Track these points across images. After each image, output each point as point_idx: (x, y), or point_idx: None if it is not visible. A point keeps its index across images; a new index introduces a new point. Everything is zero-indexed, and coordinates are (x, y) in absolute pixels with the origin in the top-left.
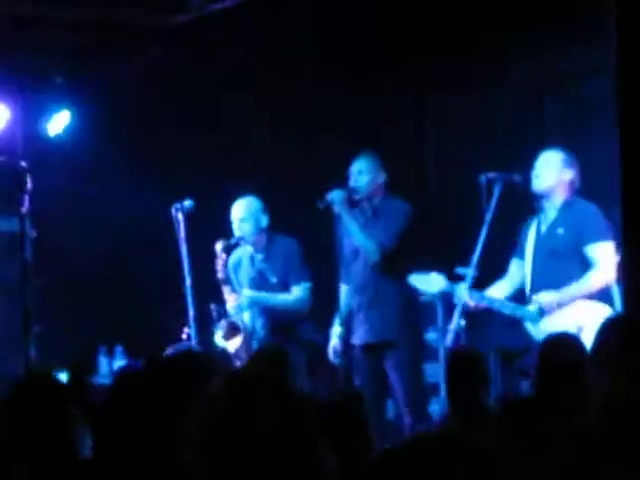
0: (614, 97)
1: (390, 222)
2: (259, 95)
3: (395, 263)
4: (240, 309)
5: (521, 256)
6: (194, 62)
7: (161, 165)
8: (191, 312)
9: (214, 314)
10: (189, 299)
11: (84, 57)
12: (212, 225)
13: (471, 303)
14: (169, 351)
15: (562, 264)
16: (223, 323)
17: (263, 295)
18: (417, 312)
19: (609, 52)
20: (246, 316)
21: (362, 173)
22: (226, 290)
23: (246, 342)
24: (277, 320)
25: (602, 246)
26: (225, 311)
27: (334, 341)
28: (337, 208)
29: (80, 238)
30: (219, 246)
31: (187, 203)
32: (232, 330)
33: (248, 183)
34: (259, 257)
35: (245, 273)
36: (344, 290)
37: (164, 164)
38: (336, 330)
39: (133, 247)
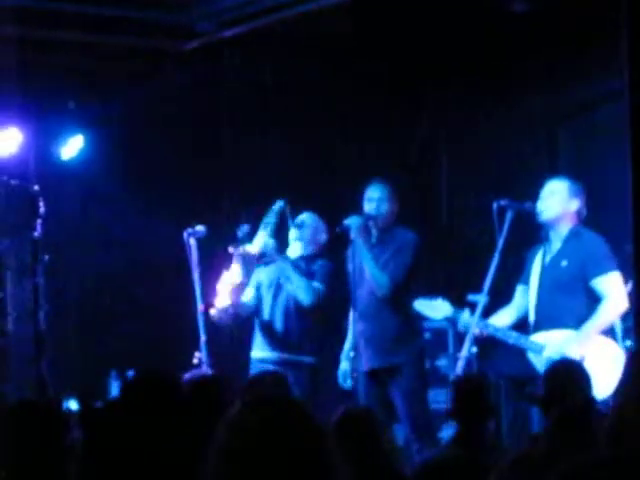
0: (627, 125)
1: (398, 255)
2: (271, 120)
3: (399, 293)
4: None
5: (526, 282)
6: (206, 87)
7: (174, 189)
8: (203, 337)
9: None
10: (201, 324)
11: (97, 82)
12: (224, 250)
13: (475, 331)
14: (187, 377)
15: (565, 297)
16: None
17: (287, 257)
18: (421, 338)
19: (622, 80)
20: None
21: (383, 200)
22: (262, 233)
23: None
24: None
25: (609, 277)
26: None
27: (344, 365)
28: (354, 234)
29: (92, 262)
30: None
31: (199, 228)
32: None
33: (261, 208)
34: (298, 260)
35: (271, 272)
36: (353, 315)
37: (177, 188)
38: (346, 355)
39: (145, 271)
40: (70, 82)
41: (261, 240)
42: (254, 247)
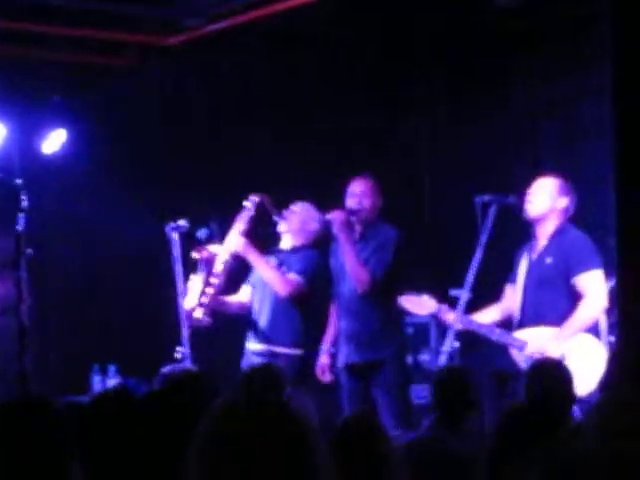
0: (611, 120)
1: (381, 251)
2: (256, 115)
3: (381, 288)
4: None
5: (513, 281)
6: (190, 82)
7: (157, 184)
8: (185, 332)
9: (211, 226)
10: (183, 318)
11: (80, 76)
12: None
13: (458, 326)
14: (166, 370)
15: (549, 294)
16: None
17: (259, 253)
18: (403, 334)
19: (605, 75)
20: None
21: (366, 195)
22: (235, 230)
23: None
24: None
25: (591, 275)
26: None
27: (323, 359)
28: (336, 229)
29: (75, 256)
30: (257, 198)
31: (182, 223)
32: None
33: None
34: (285, 251)
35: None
36: (335, 310)
37: (160, 183)
38: (325, 348)
39: (128, 266)
40: (54, 76)
41: (231, 240)
42: (221, 248)
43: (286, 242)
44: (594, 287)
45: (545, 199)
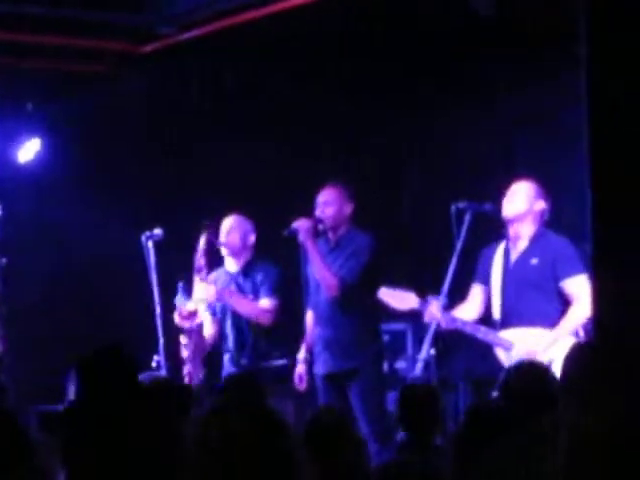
0: (586, 128)
1: (353, 257)
2: (230, 123)
3: (356, 296)
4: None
5: (484, 282)
6: (164, 90)
7: (132, 192)
8: (161, 340)
9: (180, 290)
10: (159, 327)
11: (54, 84)
12: (181, 254)
13: (442, 323)
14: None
15: (534, 295)
16: (186, 303)
17: (232, 292)
18: (379, 341)
19: (579, 83)
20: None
21: (328, 204)
22: (197, 279)
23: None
24: (247, 339)
25: (580, 279)
26: (190, 294)
27: (300, 368)
28: (301, 237)
29: (49, 265)
30: (204, 234)
31: (157, 231)
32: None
33: (220, 211)
34: (240, 279)
35: (219, 287)
36: (310, 316)
37: (134, 192)
38: (302, 356)
39: (103, 275)
40: (28, 84)
41: (202, 294)
42: (196, 303)
43: (230, 265)
44: (584, 291)
45: (522, 200)
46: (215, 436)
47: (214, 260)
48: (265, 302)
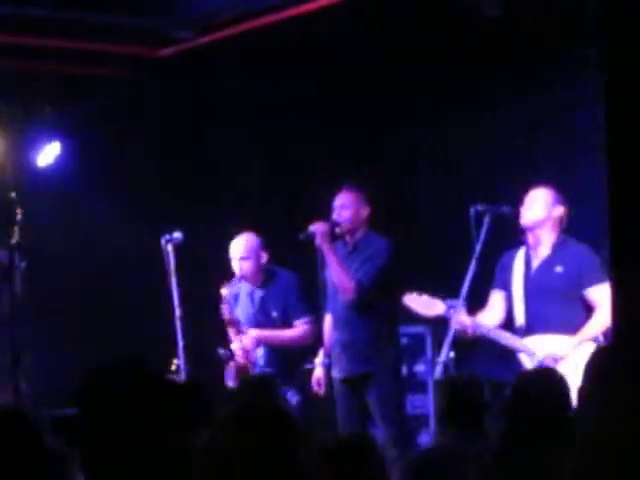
0: (604, 129)
1: (370, 261)
2: (245, 127)
3: (373, 299)
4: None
5: (504, 288)
6: (181, 94)
7: (151, 195)
8: (180, 343)
9: (223, 357)
10: (178, 330)
11: (73, 88)
12: (201, 257)
13: (469, 330)
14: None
15: (559, 303)
16: (232, 365)
17: (268, 333)
18: (397, 345)
19: (598, 83)
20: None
21: (344, 207)
22: (232, 331)
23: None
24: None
25: (603, 287)
26: (232, 353)
27: (317, 372)
28: (318, 241)
29: (70, 269)
30: (225, 291)
31: (176, 234)
32: (241, 371)
33: (237, 215)
34: (259, 293)
35: (244, 309)
36: (328, 320)
37: (154, 194)
38: (320, 361)
39: (123, 278)
40: (46, 88)
41: (241, 343)
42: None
43: (246, 285)
44: (606, 299)
45: (541, 207)
46: (225, 439)
47: None
48: (300, 324)
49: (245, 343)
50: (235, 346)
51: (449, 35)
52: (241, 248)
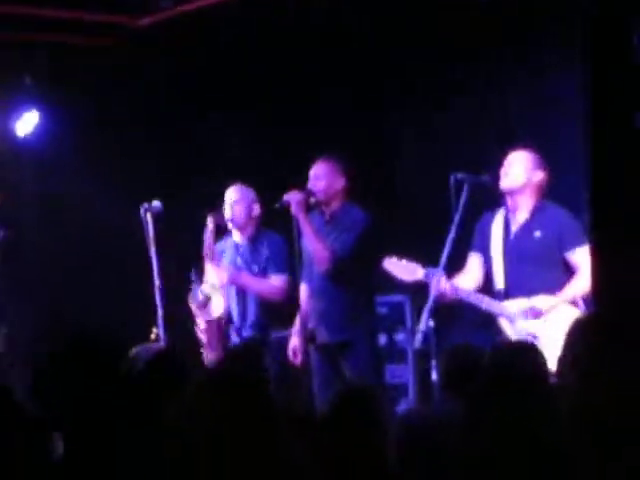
0: (582, 94)
1: (347, 231)
2: (228, 96)
3: (349, 269)
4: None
5: (482, 251)
6: (162, 64)
7: (130, 165)
8: (160, 312)
9: (193, 278)
10: (158, 300)
11: (53, 57)
12: (180, 226)
13: (447, 294)
14: (137, 350)
15: (539, 267)
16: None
17: (244, 275)
18: (373, 315)
19: (574, 50)
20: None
21: (319, 177)
22: (208, 266)
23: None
24: (249, 312)
25: (584, 250)
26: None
27: (294, 341)
28: (293, 209)
29: (47, 238)
30: (210, 220)
31: (155, 204)
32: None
33: (217, 184)
34: (245, 248)
35: (227, 260)
36: (304, 289)
37: (133, 164)
38: (296, 329)
39: (101, 247)
40: (27, 57)
41: (213, 277)
42: (209, 288)
43: (237, 236)
44: (587, 262)
45: (521, 172)
46: (202, 408)
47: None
48: (275, 279)
49: (221, 277)
50: (210, 280)
51: (439, 19)
52: (235, 193)
